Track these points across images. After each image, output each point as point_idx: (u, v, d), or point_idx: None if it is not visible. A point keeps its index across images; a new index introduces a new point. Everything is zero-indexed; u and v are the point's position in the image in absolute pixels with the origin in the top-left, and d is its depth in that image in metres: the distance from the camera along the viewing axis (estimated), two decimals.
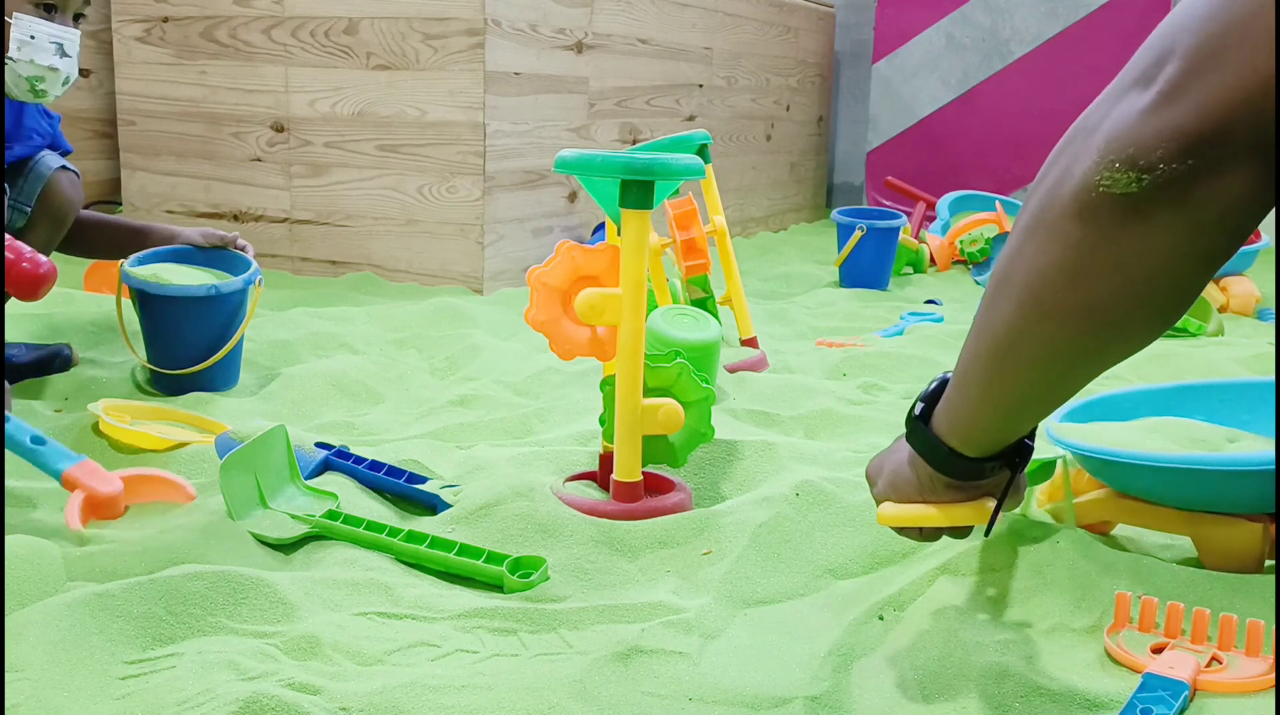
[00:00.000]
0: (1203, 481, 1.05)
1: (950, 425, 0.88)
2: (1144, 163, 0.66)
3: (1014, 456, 0.91)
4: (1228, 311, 2.59)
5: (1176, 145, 0.65)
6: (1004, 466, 0.91)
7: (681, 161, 1.20)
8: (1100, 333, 0.73)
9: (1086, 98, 0.75)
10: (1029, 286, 0.74)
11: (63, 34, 1.62)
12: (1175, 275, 0.70)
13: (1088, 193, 0.69)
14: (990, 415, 0.85)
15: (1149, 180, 0.66)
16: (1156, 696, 0.86)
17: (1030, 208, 0.74)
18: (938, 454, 0.90)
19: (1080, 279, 0.71)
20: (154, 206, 2.94)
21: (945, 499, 0.93)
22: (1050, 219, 0.72)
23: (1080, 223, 0.70)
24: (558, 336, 1.24)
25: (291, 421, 1.52)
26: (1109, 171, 0.68)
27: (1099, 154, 0.68)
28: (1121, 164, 0.67)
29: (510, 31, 2.59)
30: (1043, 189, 0.73)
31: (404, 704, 0.85)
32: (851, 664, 0.96)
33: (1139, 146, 0.66)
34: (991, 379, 0.81)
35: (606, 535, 1.17)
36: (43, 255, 1.30)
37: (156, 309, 1.66)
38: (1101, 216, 0.69)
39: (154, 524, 1.19)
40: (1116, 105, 0.69)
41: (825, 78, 4.68)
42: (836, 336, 2.31)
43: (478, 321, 2.22)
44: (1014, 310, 0.76)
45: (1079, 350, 0.75)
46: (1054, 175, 0.72)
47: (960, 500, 0.93)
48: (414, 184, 2.65)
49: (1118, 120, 0.68)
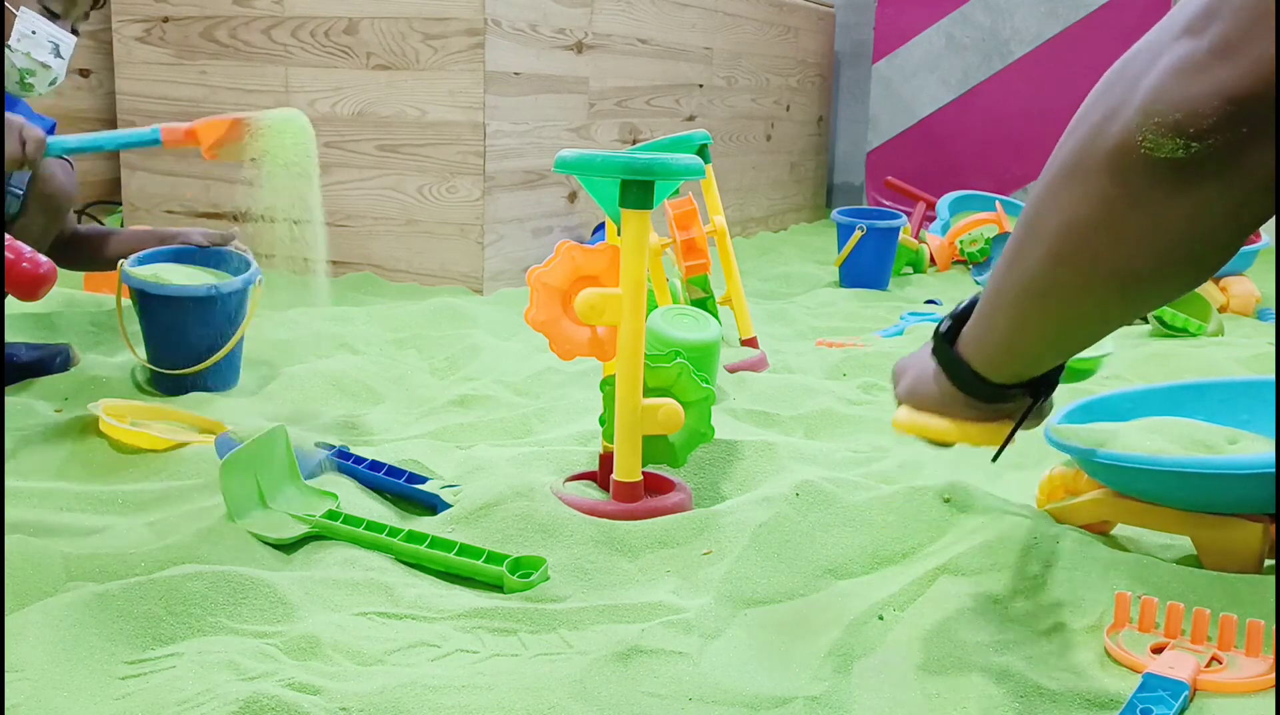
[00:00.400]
0: (1202, 484, 1.05)
1: (975, 350, 0.86)
2: (1194, 129, 0.61)
3: (1038, 386, 0.89)
4: (1228, 311, 2.59)
5: (1230, 109, 0.60)
6: (1026, 393, 0.89)
7: (681, 161, 1.20)
8: (1132, 288, 0.71)
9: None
10: (1060, 237, 0.71)
11: (61, 36, 1.67)
12: (1214, 239, 0.66)
13: (1127, 153, 0.65)
14: (1016, 348, 0.83)
15: (1198, 149, 0.62)
16: (1156, 696, 0.86)
17: (1065, 152, 0.70)
18: (961, 374, 0.88)
19: (1114, 238, 0.68)
20: (154, 206, 2.93)
21: (963, 416, 0.91)
22: (1085, 171, 0.68)
23: (1117, 181, 0.66)
24: (558, 336, 1.24)
25: (291, 421, 1.52)
26: (1153, 133, 0.63)
27: (1142, 112, 0.64)
28: (1167, 127, 0.62)
29: (510, 31, 2.59)
30: (1079, 135, 0.69)
31: (404, 704, 0.85)
32: (851, 664, 0.95)
33: (1188, 111, 0.61)
34: (1018, 316, 0.79)
35: (606, 535, 1.17)
36: (43, 255, 1.30)
37: (156, 309, 1.66)
38: (1141, 179, 0.65)
39: (154, 520, 1.19)
40: (1162, 56, 0.64)
41: (825, 78, 4.68)
42: (836, 336, 2.31)
43: (478, 321, 2.22)
44: (1044, 257, 0.73)
45: (1108, 302, 0.73)
46: (1092, 123, 0.68)
47: (978, 418, 0.91)
48: (414, 184, 2.65)
49: (1164, 75, 0.63)
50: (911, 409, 0.94)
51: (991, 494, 1.25)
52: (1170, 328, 2.28)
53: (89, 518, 1.22)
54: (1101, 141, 0.67)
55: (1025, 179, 4.21)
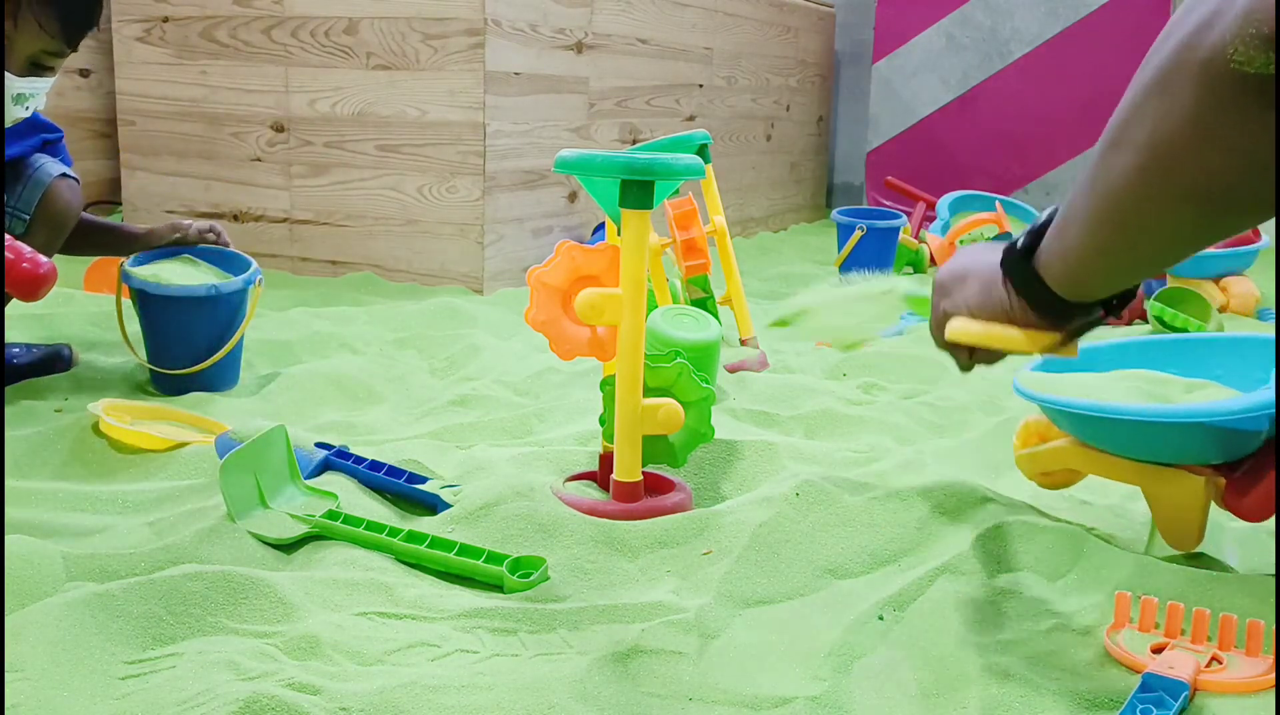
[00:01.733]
0: (1138, 432, 1.04)
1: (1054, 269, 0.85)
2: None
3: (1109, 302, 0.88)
4: (1228, 311, 2.59)
5: None
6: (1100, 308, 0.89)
7: (681, 161, 1.20)
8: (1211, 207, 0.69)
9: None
10: (1147, 149, 0.70)
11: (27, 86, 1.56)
12: None
13: (1218, 64, 0.63)
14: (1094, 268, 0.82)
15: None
16: (1156, 696, 0.86)
17: (1156, 63, 0.69)
18: (1037, 292, 0.87)
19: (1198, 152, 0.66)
20: (154, 206, 2.94)
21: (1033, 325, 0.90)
22: (1177, 82, 0.66)
23: (1207, 94, 0.64)
24: (558, 337, 1.24)
25: (291, 421, 1.52)
26: (1245, 45, 0.61)
27: (1239, 22, 0.61)
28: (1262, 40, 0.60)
29: (510, 31, 2.59)
30: (1173, 43, 0.67)
31: (404, 704, 0.85)
32: (851, 664, 0.95)
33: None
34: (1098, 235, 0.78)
35: (606, 535, 1.17)
36: (43, 256, 1.30)
37: (156, 309, 1.66)
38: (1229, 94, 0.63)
39: (154, 520, 1.19)
40: None
41: (825, 78, 4.68)
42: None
43: (478, 321, 2.22)
44: (1129, 169, 0.72)
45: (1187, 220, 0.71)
46: (1188, 30, 0.66)
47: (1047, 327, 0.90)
48: (414, 184, 2.65)
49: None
50: (969, 319, 0.94)
51: (991, 493, 1.25)
52: (1170, 328, 2.28)
53: (89, 518, 1.22)
54: (1194, 53, 0.65)
55: (1025, 179, 4.21)
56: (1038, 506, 1.24)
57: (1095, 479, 1.39)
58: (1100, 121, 3.15)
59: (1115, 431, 1.07)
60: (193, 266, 1.75)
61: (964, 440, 1.52)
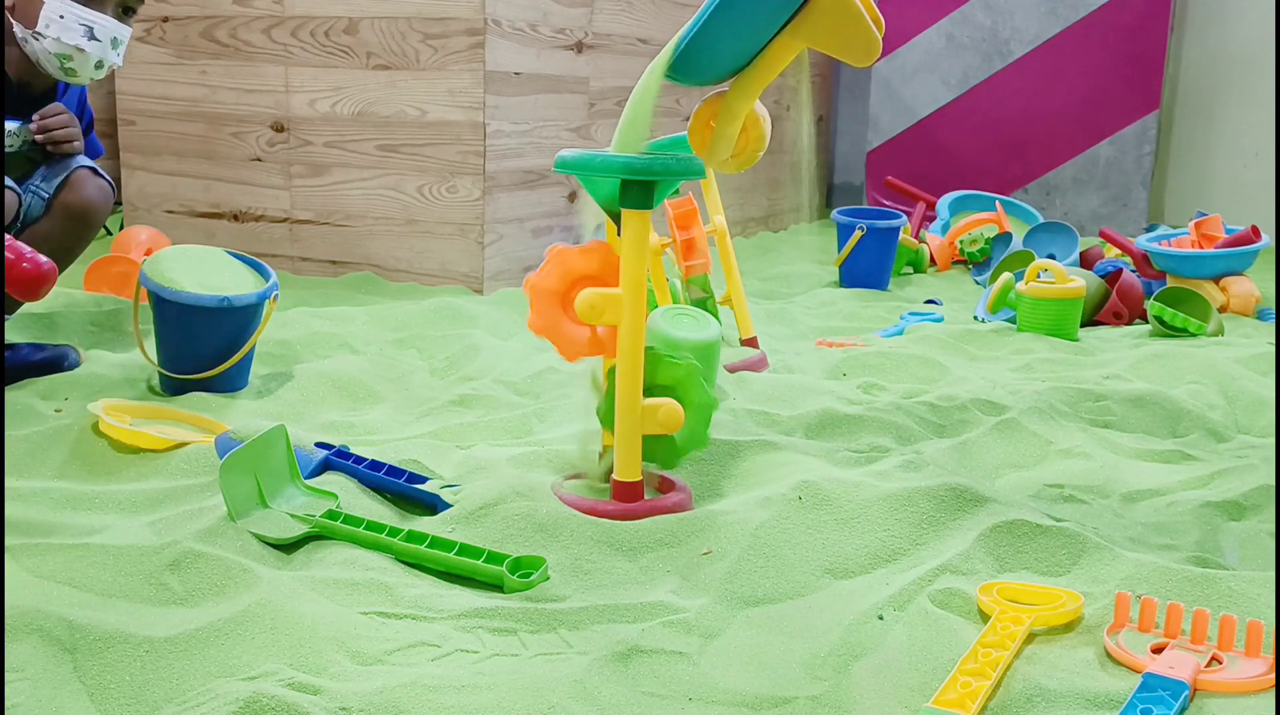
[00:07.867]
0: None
1: None
2: None
3: None
4: (1228, 311, 2.59)
5: None
6: None
7: (681, 161, 1.20)
8: None
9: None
10: None
11: (94, 19, 1.67)
12: None
13: None
14: None
15: None
16: (1156, 696, 0.86)
17: None
18: None
19: None
20: (154, 206, 2.94)
21: None
22: None
23: None
24: (560, 339, 1.24)
25: (291, 421, 1.52)
26: None
27: None
28: None
29: (510, 31, 2.59)
30: None
31: (404, 704, 0.85)
32: (851, 664, 0.95)
33: None
34: None
35: (606, 535, 1.17)
36: (43, 256, 1.30)
37: (169, 314, 1.65)
38: None
39: (154, 520, 1.19)
40: None
41: (825, 78, 4.68)
42: (836, 336, 2.31)
43: (478, 321, 2.22)
44: None
45: None
46: None
47: None
48: (414, 184, 2.65)
49: None
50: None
51: (991, 493, 1.25)
52: (1170, 328, 2.28)
53: (89, 518, 1.22)
54: None
55: (1025, 179, 4.21)
56: (1038, 506, 1.24)
57: (1095, 479, 1.39)
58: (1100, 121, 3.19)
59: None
60: (226, 266, 1.74)
61: (964, 440, 1.52)
